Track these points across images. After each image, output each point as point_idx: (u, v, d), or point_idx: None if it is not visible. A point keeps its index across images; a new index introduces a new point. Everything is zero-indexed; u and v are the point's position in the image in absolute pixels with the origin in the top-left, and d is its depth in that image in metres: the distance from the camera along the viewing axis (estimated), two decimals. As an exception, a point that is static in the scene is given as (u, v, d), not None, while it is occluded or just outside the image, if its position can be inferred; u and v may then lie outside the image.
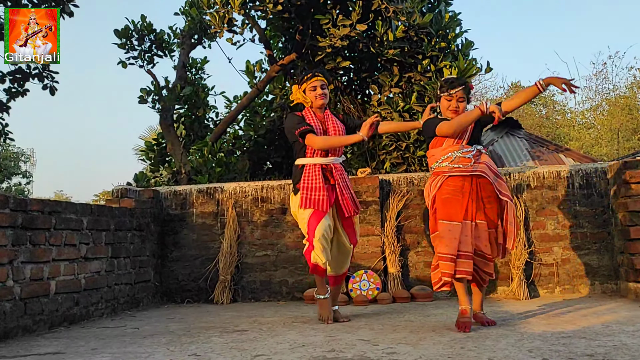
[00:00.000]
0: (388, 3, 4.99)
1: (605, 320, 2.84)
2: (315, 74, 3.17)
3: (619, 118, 16.54)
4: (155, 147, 6.64)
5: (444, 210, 2.75)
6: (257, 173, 6.27)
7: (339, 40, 5.04)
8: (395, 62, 5.43)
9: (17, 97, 7.05)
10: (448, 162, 2.79)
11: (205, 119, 6.77)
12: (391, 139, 5.36)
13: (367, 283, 4.01)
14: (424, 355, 2.11)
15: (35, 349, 2.53)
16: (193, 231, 4.49)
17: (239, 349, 2.38)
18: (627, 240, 3.66)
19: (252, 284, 4.37)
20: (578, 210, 4.08)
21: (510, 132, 10.07)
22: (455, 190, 2.75)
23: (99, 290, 3.57)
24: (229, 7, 5.11)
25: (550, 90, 22.17)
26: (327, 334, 2.67)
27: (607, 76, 23.85)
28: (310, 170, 3.07)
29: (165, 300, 4.43)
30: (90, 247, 3.50)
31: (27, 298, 2.92)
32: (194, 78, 6.81)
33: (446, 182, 2.79)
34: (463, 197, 2.73)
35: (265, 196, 4.44)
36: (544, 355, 2.05)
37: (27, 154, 23.64)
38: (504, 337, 2.45)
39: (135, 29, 6.27)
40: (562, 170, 4.15)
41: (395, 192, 4.26)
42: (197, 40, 6.77)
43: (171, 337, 2.75)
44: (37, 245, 3.02)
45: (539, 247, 4.08)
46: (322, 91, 3.13)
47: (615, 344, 2.22)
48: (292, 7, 5.34)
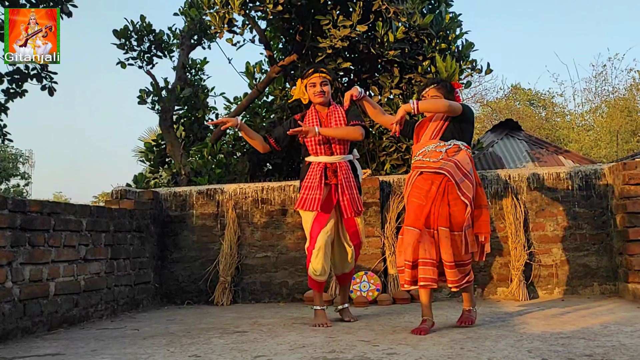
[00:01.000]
0: (389, 4, 5.00)
1: (603, 320, 2.85)
2: (318, 69, 3.10)
3: (618, 120, 16.56)
4: (154, 149, 6.64)
5: (408, 214, 2.81)
6: (257, 174, 6.26)
7: (340, 41, 5.04)
8: (395, 63, 5.43)
9: (15, 98, 7.05)
10: (422, 157, 2.84)
11: (205, 120, 6.77)
12: (391, 140, 5.36)
13: (367, 284, 4.01)
14: (424, 356, 2.11)
15: (35, 350, 2.52)
16: (193, 232, 4.49)
17: (239, 349, 2.38)
18: (626, 242, 3.67)
19: (253, 286, 4.37)
20: (577, 212, 4.09)
21: (510, 133, 10.09)
22: (420, 194, 2.78)
23: (99, 292, 3.57)
24: (229, 8, 5.11)
25: (549, 92, 22.21)
26: (327, 335, 2.67)
27: (606, 78, 23.96)
28: (313, 169, 3.06)
29: (165, 302, 4.43)
30: (90, 248, 3.49)
31: (26, 299, 2.92)
32: (193, 79, 6.80)
33: (417, 181, 2.83)
34: (427, 203, 2.75)
35: (266, 197, 4.44)
36: (543, 356, 2.05)
37: (26, 156, 23.64)
38: (503, 337, 2.45)
39: (134, 30, 6.27)
40: (561, 172, 4.16)
41: (395, 193, 4.27)
42: (196, 41, 6.77)
43: (171, 338, 2.75)
44: (36, 246, 3.01)
45: (538, 249, 4.08)
46: (320, 88, 3.08)
47: (613, 344, 2.22)
48: (292, 7, 5.34)
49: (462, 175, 2.72)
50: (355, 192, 3.09)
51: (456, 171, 2.72)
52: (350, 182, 3.07)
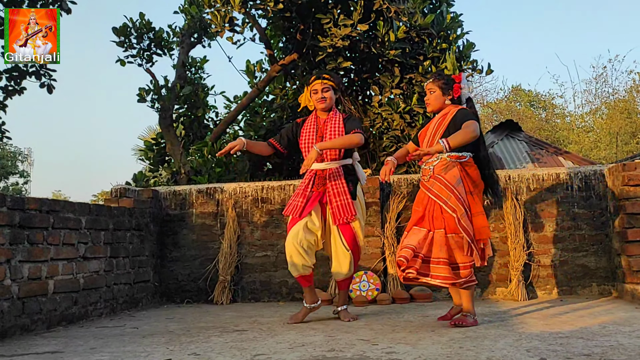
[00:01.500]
0: (390, 3, 5.00)
1: (602, 320, 2.85)
2: (320, 76, 3.12)
3: (618, 122, 16.57)
4: (154, 147, 6.64)
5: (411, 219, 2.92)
6: (257, 174, 6.26)
7: (340, 40, 5.04)
8: (396, 63, 5.43)
9: (13, 95, 7.04)
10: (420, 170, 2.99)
11: (204, 119, 6.77)
12: (392, 140, 5.36)
13: (366, 284, 4.02)
14: (423, 355, 2.11)
15: (34, 348, 2.52)
16: (192, 231, 4.49)
17: (238, 348, 2.38)
18: (625, 242, 3.67)
19: (252, 285, 4.37)
20: (576, 213, 4.09)
21: (510, 134, 10.10)
22: (418, 203, 2.91)
23: (98, 290, 3.57)
24: (230, 6, 5.11)
25: (549, 93, 22.22)
26: (326, 334, 2.67)
27: (606, 80, 23.93)
28: (306, 176, 3.12)
29: (164, 301, 4.43)
30: (89, 246, 3.49)
31: (25, 297, 2.92)
32: (193, 77, 6.80)
33: (420, 189, 2.96)
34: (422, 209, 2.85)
35: (266, 197, 4.44)
36: (541, 355, 2.05)
37: (25, 154, 23.61)
38: (502, 337, 2.46)
39: (133, 27, 6.26)
40: (561, 173, 4.16)
41: (395, 193, 4.27)
42: (196, 39, 6.76)
43: (170, 336, 2.75)
44: (34, 244, 3.01)
45: (537, 249, 4.09)
46: (322, 95, 3.09)
47: (612, 344, 2.22)
48: (293, 6, 5.34)
49: (449, 192, 2.77)
50: (346, 198, 3.02)
51: (442, 190, 2.78)
52: (340, 188, 3.03)
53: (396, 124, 5.30)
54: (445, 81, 2.95)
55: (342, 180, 3.05)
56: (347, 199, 3.02)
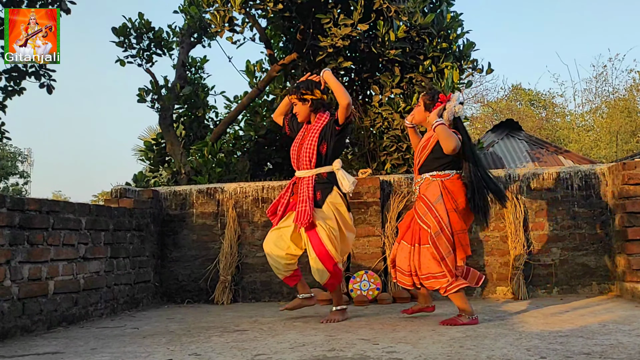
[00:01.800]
0: (390, 3, 4.99)
1: (602, 319, 2.86)
2: (290, 91, 3.29)
3: (618, 121, 16.56)
4: (154, 147, 6.63)
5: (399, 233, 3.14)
6: (257, 174, 6.26)
7: (340, 40, 5.03)
8: (396, 62, 5.42)
9: (13, 96, 7.03)
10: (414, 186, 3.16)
11: (205, 119, 6.76)
12: (392, 140, 5.36)
13: (367, 283, 4.02)
14: (423, 354, 2.12)
15: (34, 348, 2.53)
16: (193, 231, 4.49)
17: (239, 348, 2.38)
18: (625, 241, 3.68)
19: (253, 285, 4.37)
20: (577, 212, 4.09)
21: (511, 133, 10.11)
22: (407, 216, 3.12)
23: (98, 291, 3.57)
24: (229, 6, 5.11)
25: (550, 92, 22.21)
26: (327, 334, 2.67)
27: (607, 79, 23.93)
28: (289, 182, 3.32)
29: (165, 301, 4.43)
30: (89, 247, 3.49)
31: (25, 298, 2.92)
32: (193, 77, 6.80)
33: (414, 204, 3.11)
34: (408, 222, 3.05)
35: (266, 197, 4.45)
36: (541, 354, 2.05)
37: (25, 154, 23.58)
38: (502, 336, 2.46)
39: (133, 27, 6.26)
40: (561, 172, 4.16)
41: (396, 193, 4.27)
42: (196, 39, 6.76)
43: (171, 336, 2.75)
44: (34, 245, 3.01)
45: (537, 248, 4.09)
46: (295, 108, 3.26)
47: (611, 343, 2.23)
48: (292, 5, 5.34)
49: (426, 209, 2.91)
50: (307, 205, 3.03)
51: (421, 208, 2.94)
52: (304, 196, 3.08)
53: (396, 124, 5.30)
54: (430, 98, 3.06)
55: (310, 188, 3.11)
56: (305, 205, 3.05)
